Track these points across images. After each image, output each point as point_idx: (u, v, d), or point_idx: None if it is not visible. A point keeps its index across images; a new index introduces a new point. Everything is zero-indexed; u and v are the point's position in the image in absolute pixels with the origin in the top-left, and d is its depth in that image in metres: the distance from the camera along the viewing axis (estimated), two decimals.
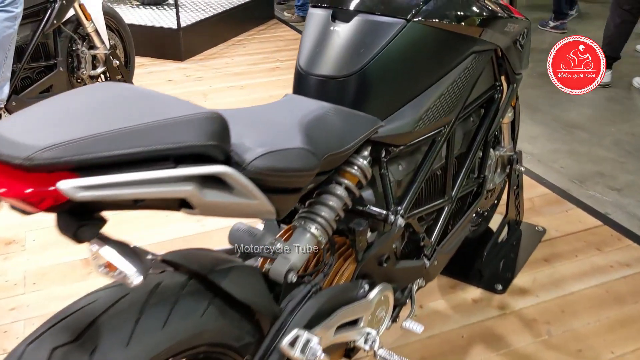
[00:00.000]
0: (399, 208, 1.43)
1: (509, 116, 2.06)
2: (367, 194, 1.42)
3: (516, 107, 2.11)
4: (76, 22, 3.20)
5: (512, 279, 2.13)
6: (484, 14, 1.50)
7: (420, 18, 1.36)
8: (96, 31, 3.25)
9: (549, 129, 3.53)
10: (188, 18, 4.86)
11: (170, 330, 0.93)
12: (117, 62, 3.40)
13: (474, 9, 1.48)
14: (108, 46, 3.35)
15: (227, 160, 0.98)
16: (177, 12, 4.52)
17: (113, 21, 3.51)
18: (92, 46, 3.31)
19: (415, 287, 1.58)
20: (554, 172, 3.00)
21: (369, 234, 1.35)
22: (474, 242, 2.24)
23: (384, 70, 1.34)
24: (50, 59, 3.02)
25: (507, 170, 2.16)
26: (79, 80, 3.37)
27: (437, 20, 1.38)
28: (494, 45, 1.63)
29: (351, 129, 1.27)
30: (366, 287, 1.37)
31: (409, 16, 1.35)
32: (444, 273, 2.08)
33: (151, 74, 4.35)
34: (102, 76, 3.47)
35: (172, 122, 0.86)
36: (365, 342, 1.36)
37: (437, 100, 1.44)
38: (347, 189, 1.31)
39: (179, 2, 5.25)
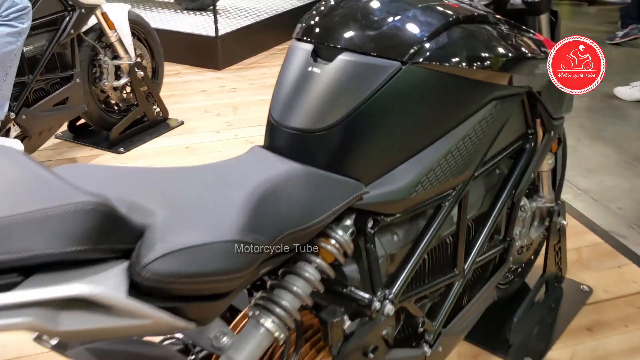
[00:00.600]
0: (388, 291, 1.16)
1: (548, 163, 1.75)
2: (350, 269, 1.16)
3: (559, 153, 1.79)
4: (99, 31, 3.06)
5: (546, 351, 1.81)
6: (507, 54, 1.21)
7: (420, 60, 1.08)
8: (120, 41, 3.10)
9: (608, 161, 3.15)
10: (229, 25, 4.69)
11: None
12: (142, 73, 3.24)
13: (493, 49, 1.19)
14: (133, 56, 3.20)
15: (127, 255, 0.75)
16: (215, 20, 4.34)
17: (141, 30, 3.35)
18: (115, 56, 3.16)
19: None
20: (610, 214, 2.63)
21: (347, 323, 1.09)
22: (503, 302, 1.93)
23: (371, 124, 1.07)
24: (67, 70, 2.88)
25: (547, 223, 1.85)
26: (102, 91, 3.24)
27: (441, 63, 1.10)
28: (523, 89, 1.33)
29: (324, 198, 1.02)
30: None
31: (405, 57, 1.08)
32: (465, 338, 1.79)
33: (185, 83, 4.19)
34: (127, 87, 3.32)
35: (19, 221, 0.63)
36: None
37: (442, 159, 1.16)
38: (319, 269, 1.06)
39: (222, 9, 5.11)
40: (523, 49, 1.26)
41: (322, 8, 1.20)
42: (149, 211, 0.85)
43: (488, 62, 1.16)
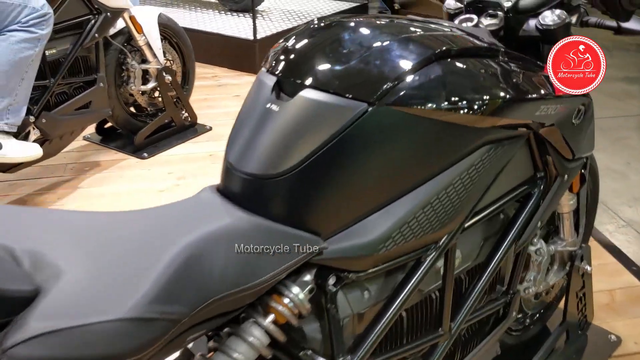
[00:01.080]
0: (351, 356, 1.02)
1: (569, 204, 1.57)
2: (311, 329, 1.03)
3: (582, 193, 1.61)
4: (128, 34, 3.03)
5: None
6: (503, 95, 1.04)
7: (390, 101, 0.94)
8: (148, 44, 3.05)
9: None
10: (270, 28, 4.61)
11: None
12: (170, 78, 3.19)
13: (484, 89, 1.03)
14: (162, 60, 3.15)
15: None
16: (254, 23, 4.27)
17: (172, 34, 3.30)
18: (144, 60, 3.12)
19: None
20: None
21: None
22: (517, 349, 1.76)
23: (331, 171, 0.94)
24: (90, 73, 2.85)
25: (567, 268, 1.66)
26: (131, 94, 3.21)
27: (417, 105, 0.95)
28: (523, 132, 1.17)
29: (271, 254, 0.89)
30: None
31: (373, 98, 0.93)
32: None
33: (220, 86, 4.14)
34: (156, 92, 3.28)
35: None
36: None
37: (420, 211, 1.01)
38: (267, 332, 0.94)
39: (265, 11, 5.04)
40: (525, 88, 1.09)
41: (295, 36, 1.08)
42: (55, 270, 0.75)
43: (476, 105, 1.00)
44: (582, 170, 1.59)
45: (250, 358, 0.92)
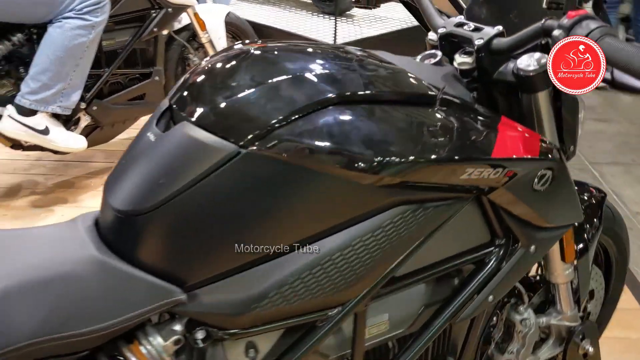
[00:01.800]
0: None
1: (565, 274, 1.36)
2: None
3: (583, 264, 1.39)
4: (192, 31, 3.06)
5: None
6: (404, 153, 0.89)
7: (265, 147, 0.83)
8: (211, 42, 3.07)
9: None
10: (356, 33, 4.50)
11: None
12: None
13: (385, 143, 0.88)
14: None
15: None
16: (335, 28, 4.19)
17: (239, 33, 3.30)
18: (206, 57, 3.14)
19: None
20: None
21: None
22: None
23: (194, 215, 0.85)
24: (147, 66, 2.90)
25: (564, 345, 1.45)
26: None
27: (298, 155, 0.84)
28: (460, 195, 1.00)
29: (111, 301, 0.83)
30: None
31: (244, 141, 0.83)
32: None
33: None
34: None
35: None
36: None
37: (307, 272, 0.89)
38: None
39: (359, 16, 4.95)
40: (447, 147, 0.93)
41: (206, 61, 0.99)
42: None
43: (372, 162, 0.86)
44: (588, 241, 1.38)
45: None
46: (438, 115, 0.95)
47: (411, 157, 0.89)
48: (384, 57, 1.05)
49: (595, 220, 1.43)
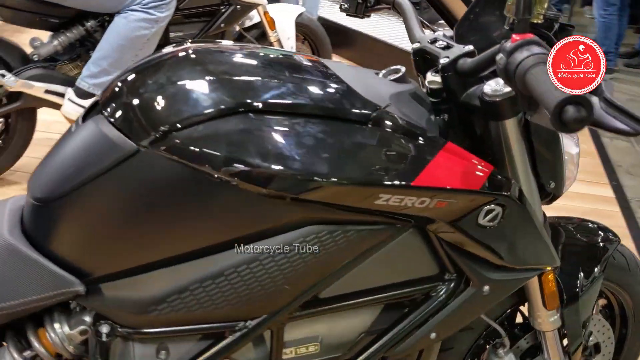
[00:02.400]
0: None
1: (549, 322, 1.24)
2: None
3: (570, 315, 1.26)
4: (262, 29, 3.10)
5: None
6: (308, 169, 0.84)
7: (166, 147, 0.82)
8: (279, 41, 3.10)
9: None
10: None
11: None
12: None
13: (290, 158, 0.84)
14: None
15: None
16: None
17: (310, 35, 3.31)
18: None
19: None
20: None
21: None
22: None
23: (93, 209, 0.87)
24: None
25: None
26: None
27: (198, 161, 0.82)
28: (388, 220, 0.94)
29: (15, 284, 0.85)
30: None
31: (143, 141, 0.83)
32: None
33: None
34: None
35: None
36: None
37: (210, 281, 0.87)
38: None
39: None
40: (360, 168, 0.88)
41: (140, 60, 1.00)
42: None
43: (275, 175, 0.83)
44: (581, 288, 1.27)
45: None
46: (362, 134, 0.90)
47: (311, 175, 0.84)
48: (336, 69, 1.00)
49: (595, 267, 1.30)
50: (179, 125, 0.83)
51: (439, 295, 1.03)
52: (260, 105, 0.86)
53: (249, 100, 0.86)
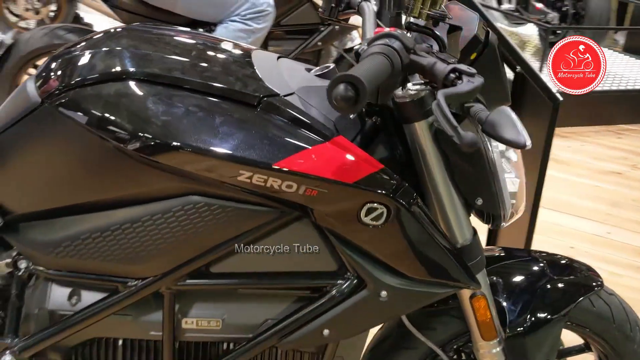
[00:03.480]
0: (14, 339, 1.06)
1: (491, 353, 1.16)
2: None
3: (512, 351, 1.16)
4: None
5: None
6: (179, 140, 0.92)
7: (60, 102, 0.95)
8: None
9: None
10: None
11: None
12: None
13: (165, 127, 0.93)
14: None
15: None
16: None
17: None
18: None
19: None
20: None
21: None
22: None
23: (5, 154, 1.02)
24: None
25: None
26: None
27: (85, 118, 0.94)
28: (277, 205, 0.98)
29: None
30: None
31: (46, 96, 0.97)
32: None
33: None
34: None
35: None
36: None
37: (97, 233, 1.00)
38: None
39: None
40: (230, 144, 0.94)
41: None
42: None
43: (134, 137, 0.92)
44: (530, 323, 1.16)
45: None
46: (244, 115, 0.95)
47: (169, 141, 0.92)
48: (257, 57, 1.06)
49: (557, 307, 1.18)
50: (72, 84, 0.95)
51: (332, 292, 1.04)
52: (141, 75, 0.95)
53: (132, 69, 0.95)
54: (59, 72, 1.00)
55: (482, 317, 1.13)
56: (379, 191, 0.95)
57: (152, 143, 0.92)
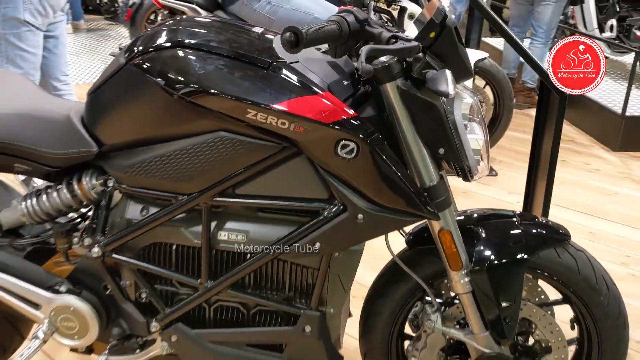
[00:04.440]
0: (103, 237, 1.43)
1: (460, 283, 1.39)
2: (98, 213, 1.47)
3: (480, 279, 1.38)
4: None
5: None
6: (208, 86, 1.25)
7: (136, 63, 1.30)
8: None
9: None
10: None
11: None
12: None
13: (200, 78, 1.26)
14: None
15: None
16: (627, 99, 3.92)
17: (491, 80, 3.51)
18: None
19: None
20: None
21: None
22: None
23: (104, 103, 1.37)
24: None
25: None
26: None
27: (151, 74, 1.29)
28: (277, 140, 1.28)
29: (54, 136, 1.42)
30: (61, 287, 1.49)
31: (128, 58, 1.32)
32: None
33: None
34: None
35: None
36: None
37: (158, 157, 1.35)
38: (70, 196, 1.46)
39: None
40: (240, 88, 1.25)
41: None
42: None
43: (183, 84, 1.26)
44: (491, 260, 1.39)
45: (54, 206, 1.49)
46: (257, 73, 1.27)
47: (203, 87, 1.26)
48: (277, 42, 1.39)
49: (521, 250, 1.40)
50: (146, 50, 1.32)
51: (323, 214, 1.33)
52: (189, 45, 1.31)
53: (186, 41, 1.31)
54: (138, 43, 1.35)
55: (448, 249, 1.36)
56: (350, 131, 1.23)
57: (193, 89, 1.25)
